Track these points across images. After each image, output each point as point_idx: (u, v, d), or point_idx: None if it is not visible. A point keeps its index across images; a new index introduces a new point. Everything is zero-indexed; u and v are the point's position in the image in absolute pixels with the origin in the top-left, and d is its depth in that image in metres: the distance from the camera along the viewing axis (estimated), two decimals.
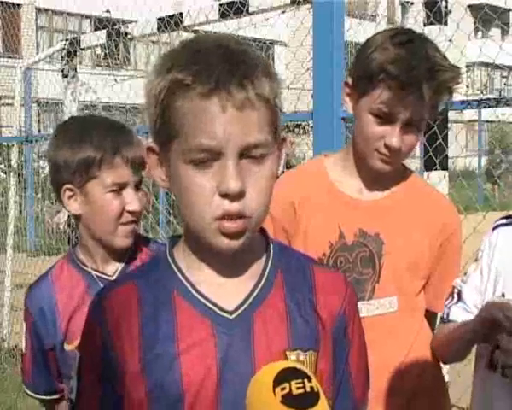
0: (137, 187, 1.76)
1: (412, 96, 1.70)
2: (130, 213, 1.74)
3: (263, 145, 1.12)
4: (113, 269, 1.80)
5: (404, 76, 1.68)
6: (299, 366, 1.09)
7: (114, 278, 1.76)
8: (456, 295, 1.77)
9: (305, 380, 1.04)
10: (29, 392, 1.91)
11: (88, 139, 1.72)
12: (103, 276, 1.79)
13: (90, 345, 1.23)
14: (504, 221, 1.72)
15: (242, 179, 1.10)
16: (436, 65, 1.71)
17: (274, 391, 1.03)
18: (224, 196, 1.10)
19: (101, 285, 1.64)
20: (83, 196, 1.74)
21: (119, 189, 1.72)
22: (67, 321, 1.76)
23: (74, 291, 1.78)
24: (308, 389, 1.03)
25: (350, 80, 1.82)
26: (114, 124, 1.82)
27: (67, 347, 1.75)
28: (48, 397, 1.88)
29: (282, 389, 1.03)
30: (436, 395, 1.93)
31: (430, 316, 1.93)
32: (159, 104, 1.12)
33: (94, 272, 1.80)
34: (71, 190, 1.75)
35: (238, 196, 1.10)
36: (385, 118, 1.74)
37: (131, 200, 1.73)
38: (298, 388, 1.03)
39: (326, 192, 1.88)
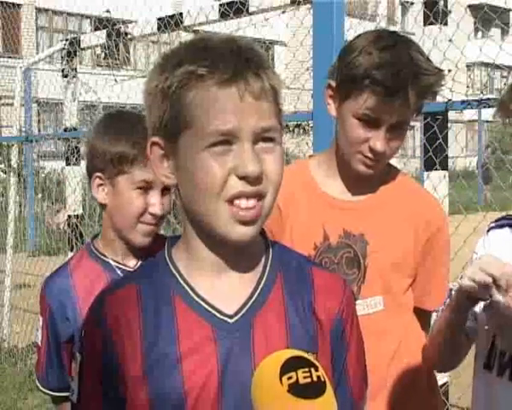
0: (165, 192, 1.79)
1: (398, 101, 1.70)
2: (152, 215, 1.78)
3: (274, 129, 1.14)
4: (134, 263, 1.84)
5: (390, 81, 1.69)
6: (305, 354, 1.08)
7: None
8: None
9: (312, 369, 1.04)
10: (40, 387, 1.93)
11: (125, 136, 1.77)
12: (124, 268, 1.82)
13: (90, 348, 1.22)
14: (498, 223, 1.71)
15: (260, 163, 1.12)
16: (421, 69, 1.71)
17: (281, 380, 1.02)
18: (243, 178, 1.11)
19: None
20: (111, 187, 1.80)
21: (145, 188, 1.77)
22: None
23: (96, 282, 1.78)
24: (315, 379, 1.03)
25: (333, 83, 1.81)
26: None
27: None
28: (58, 394, 1.89)
29: (289, 378, 1.02)
30: (427, 394, 1.93)
31: (420, 313, 1.93)
32: (167, 98, 1.13)
33: (114, 264, 1.84)
34: (101, 178, 1.81)
35: (256, 180, 1.11)
36: (370, 122, 1.74)
37: (154, 203, 1.77)
38: (305, 377, 1.02)
39: (310, 193, 1.89)
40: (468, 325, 1.64)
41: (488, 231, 1.72)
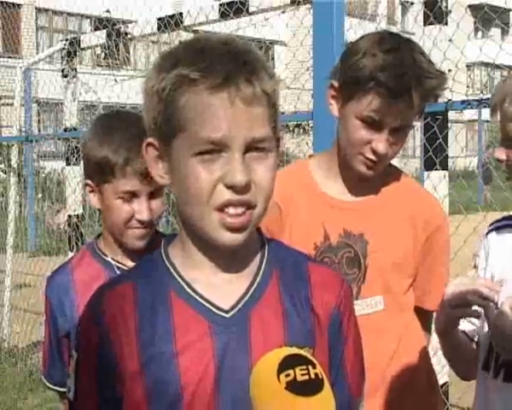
0: (155, 194, 1.78)
1: (402, 103, 1.71)
2: (138, 221, 1.78)
3: (266, 140, 1.14)
4: (134, 264, 1.83)
5: (395, 83, 1.69)
6: (303, 352, 1.09)
7: None
8: None
9: (310, 366, 1.04)
10: (45, 382, 1.96)
11: (108, 141, 1.76)
12: (124, 267, 1.83)
13: (86, 345, 1.23)
14: (497, 225, 1.71)
15: (248, 173, 1.11)
16: (424, 71, 1.72)
17: (278, 378, 1.02)
18: (230, 187, 1.11)
19: None
20: (100, 194, 1.81)
21: (129, 197, 1.76)
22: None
23: (94, 280, 1.77)
24: (313, 376, 1.03)
25: (335, 83, 1.82)
26: (134, 131, 1.75)
27: None
28: (62, 389, 1.88)
29: (287, 375, 1.02)
30: (426, 392, 1.94)
31: (420, 313, 1.93)
32: (162, 100, 1.13)
33: (114, 263, 1.85)
34: (90, 186, 1.83)
35: (244, 189, 1.11)
36: (373, 124, 1.75)
37: (140, 210, 1.77)
38: (302, 374, 1.03)
39: (310, 193, 1.89)
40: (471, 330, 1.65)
41: (487, 233, 1.72)
